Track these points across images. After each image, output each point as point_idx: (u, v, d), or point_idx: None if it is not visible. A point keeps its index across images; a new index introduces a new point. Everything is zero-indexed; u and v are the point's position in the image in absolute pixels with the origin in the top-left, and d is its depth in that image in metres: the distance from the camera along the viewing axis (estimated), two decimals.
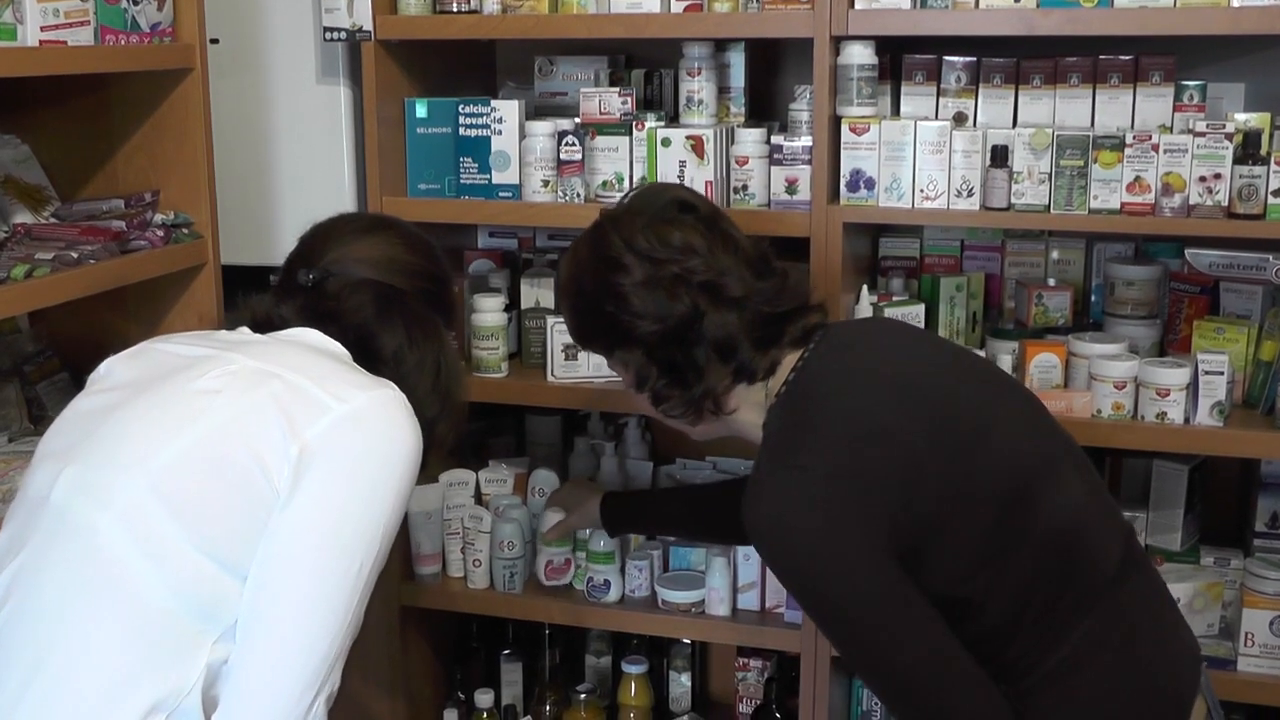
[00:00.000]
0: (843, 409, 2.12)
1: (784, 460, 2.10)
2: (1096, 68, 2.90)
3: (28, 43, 2.47)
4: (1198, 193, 2.73)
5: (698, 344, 2.20)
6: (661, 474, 3.45)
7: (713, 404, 2.26)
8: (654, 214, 2.25)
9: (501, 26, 3.08)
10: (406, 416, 1.93)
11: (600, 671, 3.54)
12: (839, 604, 2.04)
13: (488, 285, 3.31)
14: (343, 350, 2.03)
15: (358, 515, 1.85)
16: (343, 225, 2.20)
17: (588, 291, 2.27)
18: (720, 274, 2.19)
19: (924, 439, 2.06)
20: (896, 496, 2.03)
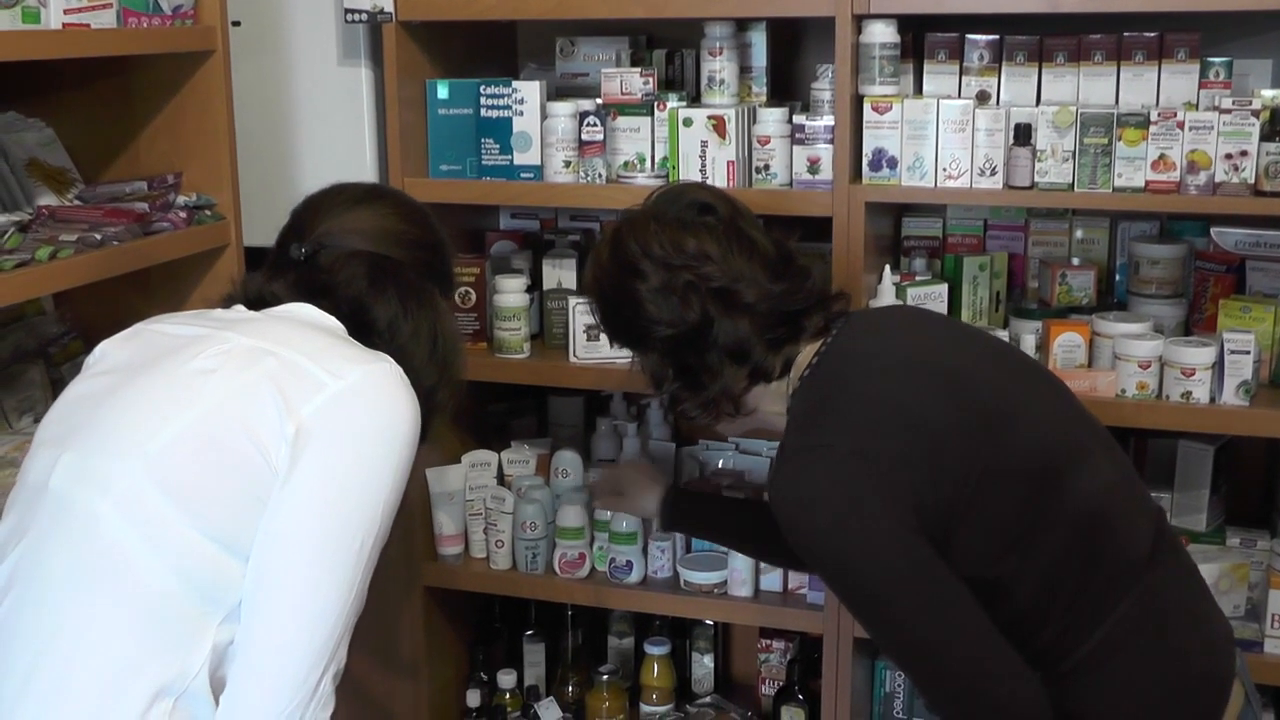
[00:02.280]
0: (867, 391, 2.13)
1: (808, 441, 2.11)
2: (1121, 45, 2.89)
3: (51, 26, 2.48)
4: (1223, 170, 2.71)
5: (710, 349, 2.24)
6: (684, 455, 3.45)
7: (730, 405, 2.30)
8: (672, 219, 2.29)
9: (523, 7, 3.08)
10: (403, 389, 1.92)
11: (623, 652, 3.55)
12: (868, 582, 2.04)
13: (509, 266, 3.31)
14: (337, 324, 2.03)
15: (358, 491, 1.85)
16: (335, 197, 2.19)
17: (607, 294, 2.33)
18: (734, 280, 2.23)
19: (949, 422, 2.07)
20: (923, 478, 2.03)
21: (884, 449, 2.04)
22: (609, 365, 3.12)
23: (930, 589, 2.03)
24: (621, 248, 2.29)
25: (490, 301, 3.21)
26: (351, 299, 2.05)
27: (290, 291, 2.07)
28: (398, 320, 2.06)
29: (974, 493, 2.04)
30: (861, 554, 2.02)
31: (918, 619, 2.03)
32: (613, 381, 3.23)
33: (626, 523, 3.18)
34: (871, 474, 2.03)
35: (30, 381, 2.81)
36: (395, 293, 2.07)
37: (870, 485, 2.02)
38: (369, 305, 2.05)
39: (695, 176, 2.99)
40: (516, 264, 3.33)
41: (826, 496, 2.04)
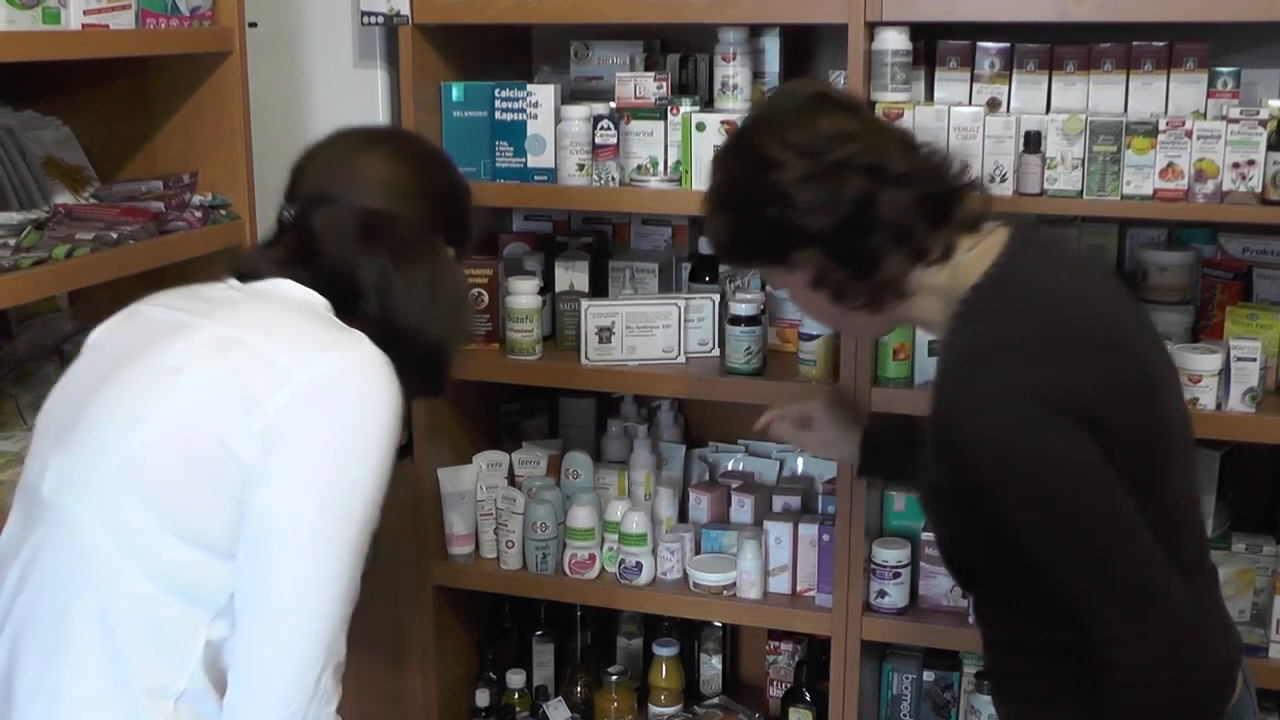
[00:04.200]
0: (1059, 327, 2.02)
1: (998, 348, 1.99)
2: (1130, 54, 2.89)
3: (70, 26, 2.50)
4: (1231, 179, 2.72)
5: (873, 229, 2.08)
6: (694, 456, 3.47)
7: (895, 289, 2.14)
8: (798, 107, 2.16)
9: (538, 11, 3.10)
10: (377, 374, 1.85)
11: (631, 653, 3.56)
12: (1044, 482, 1.93)
13: (522, 268, 3.33)
14: (319, 300, 1.97)
15: (336, 484, 1.80)
16: (331, 147, 2.11)
17: (746, 198, 2.14)
18: (880, 154, 2.09)
19: (1115, 387, 1.98)
20: (1093, 412, 1.94)
21: (1066, 385, 1.94)
22: (620, 367, 3.14)
23: (1108, 490, 1.93)
24: (753, 146, 2.14)
25: (503, 303, 3.23)
26: (336, 263, 1.98)
27: (278, 262, 2.01)
28: (388, 279, 1.97)
29: (1115, 451, 1.96)
30: (1044, 450, 1.92)
31: (1097, 517, 1.94)
32: (624, 383, 3.25)
33: (636, 523, 3.19)
34: (1054, 383, 1.92)
35: (45, 379, 2.83)
36: (387, 249, 1.98)
37: (1053, 390, 1.92)
38: (355, 265, 1.97)
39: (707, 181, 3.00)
40: (529, 266, 3.35)
41: (1013, 389, 1.92)
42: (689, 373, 3.16)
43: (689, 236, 3.45)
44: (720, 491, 3.36)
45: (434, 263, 2.04)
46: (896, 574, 3.04)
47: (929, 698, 3.27)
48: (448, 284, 2.06)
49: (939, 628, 3.07)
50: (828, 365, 3.01)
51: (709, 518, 3.34)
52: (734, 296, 3.11)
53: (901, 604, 3.07)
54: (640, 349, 3.14)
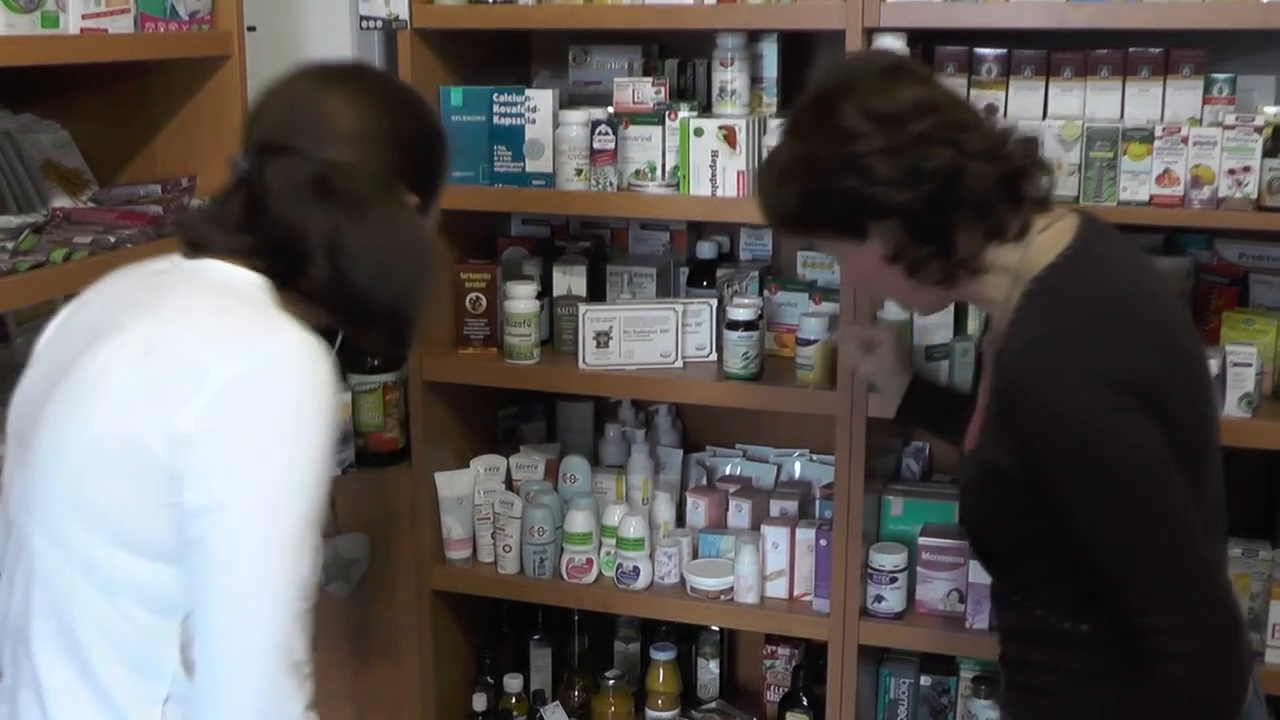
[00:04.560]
0: (1131, 315, 2.00)
1: (1073, 329, 1.98)
2: (1126, 60, 2.90)
3: (69, 30, 2.51)
4: (1227, 185, 2.73)
5: (956, 204, 2.03)
6: (692, 461, 3.47)
7: (971, 267, 2.09)
8: (878, 74, 2.09)
9: (537, 16, 3.11)
10: (301, 365, 1.74)
11: (629, 658, 3.57)
12: (1109, 464, 1.92)
13: (520, 273, 3.34)
14: (252, 281, 1.84)
15: (265, 483, 1.70)
16: (290, 87, 1.94)
17: (821, 168, 2.05)
18: (962, 127, 2.05)
19: (1178, 379, 1.99)
20: (1161, 399, 1.95)
21: (1139, 354, 1.95)
22: (618, 372, 3.14)
23: (1171, 477, 1.93)
24: (832, 114, 2.05)
25: (501, 307, 3.23)
26: (284, 223, 1.84)
27: (228, 225, 1.87)
28: (339, 237, 1.83)
29: (1172, 442, 1.96)
30: (1115, 431, 1.92)
31: (1160, 502, 1.93)
32: (621, 388, 3.26)
33: (634, 528, 3.20)
34: (1127, 368, 1.93)
35: None
36: (341, 204, 1.83)
37: (1125, 374, 1.92)
38: (304, 226, 1.83)
39: (705, 186, 3.02)
40: (527, 270, 3.35)
41: (1088, 370, 1.92)
42: (687, 377, 3.16)
43: (687, 241, 3.46)
44: (718, 496, 3.36)
45: (392, 217, 1.89)
46: (893, 579, 3.04)
47: (926, 702, 3.28)
48: (406, 239, 1.91)
49: (936, 632, 3.07)
50: (825, 371, 3.01)
51: (706, 522, 3.34)
52: (732, 301, 3.12)
53: (898, 609, 3.07)
54: (638, 354, 3.15)
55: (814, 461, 3.42)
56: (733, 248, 3.47)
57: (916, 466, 3.36)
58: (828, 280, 3.24)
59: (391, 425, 3.36)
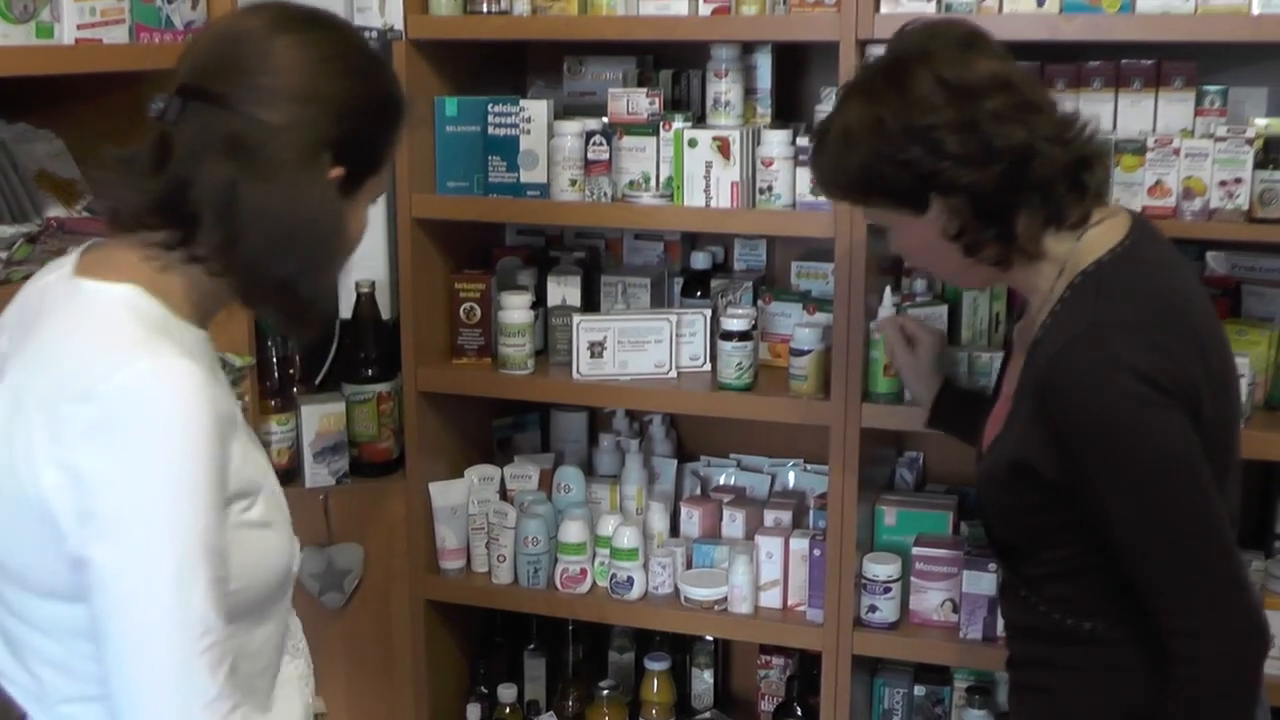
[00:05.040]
0: (1174, 316, 2.00)
1: (1117, 325, 1.96)
2: (1119, 72, 2.92)
3: (64, 40, 2.52)
4: (1219, 196, 2.74)
5: (1021, 185, 2.00)
6: (686, 471, 3.48)
7: (1030, 252, 2.07)
8: (957, 43, 2.05)
9: (532, 27, 3.12)
10: (158, 396, 1.60)
11: (623, 667, 3.57)
12: (1148, 463, 1.92)
13: (515, 283, 3.34)
14: (126, 300, 1.69)
15: (139, 522, 1.59)
16: (241, 22, 1.76)
17: (890, 135, 2.01)
18: (1035, 109, 2.02)
19: (1211, 390, 1.99)
20: (1196, 407, 1.96)
21: (1179, 356, 1.95)
22: (612, 382, 3.15)
23: (1204, 477, 1.94)
24: (907, 79, 2.01)
25: (495, 318, 3.24)
26: (178, 177, 1.69)
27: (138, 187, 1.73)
28: (232, 198, 1.66)
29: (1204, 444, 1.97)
30: (1152, 427, 1.92)
31: (1190, 496, 1.94)
32: (616, 398, 3.26)
33: (628, 538, 3.20)
34: (1166, 367, 1.92)
35: None
36: (245, 163, 1.67)
37: (1165, 373, 1.92)
38: (197, 181, 1.68)
39: (699, 197, 3.03)
40: (522, 280, 3.36)
41: (1129, 366, 1.91)
42: (681, 388, 3.16)
43: (681, 252, 3.47)
44: (712, 506, 3.36)
45: (300, 185, 1.70)
46: (887, 589, 3.04)
47: (920, 712, 3.28)
48: (309, 212, 1.71)
49: (930, 642, 3.07)
50: (819, 380, 3.01)
51: (700, 532, 3.34)
52: (725, 312, 3.12)
53: (892, 619, 3.07)
54: (632, 364, 3.15)
55: (808, 471, 3.42)
56: (727, 258, 3.47)
57: (910, 476, 3.36)
58: (821, 290, 3.25)
59: (386, 435, 3.36)
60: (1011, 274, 2.13)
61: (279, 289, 1.73)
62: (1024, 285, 2.17)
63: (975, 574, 2.98)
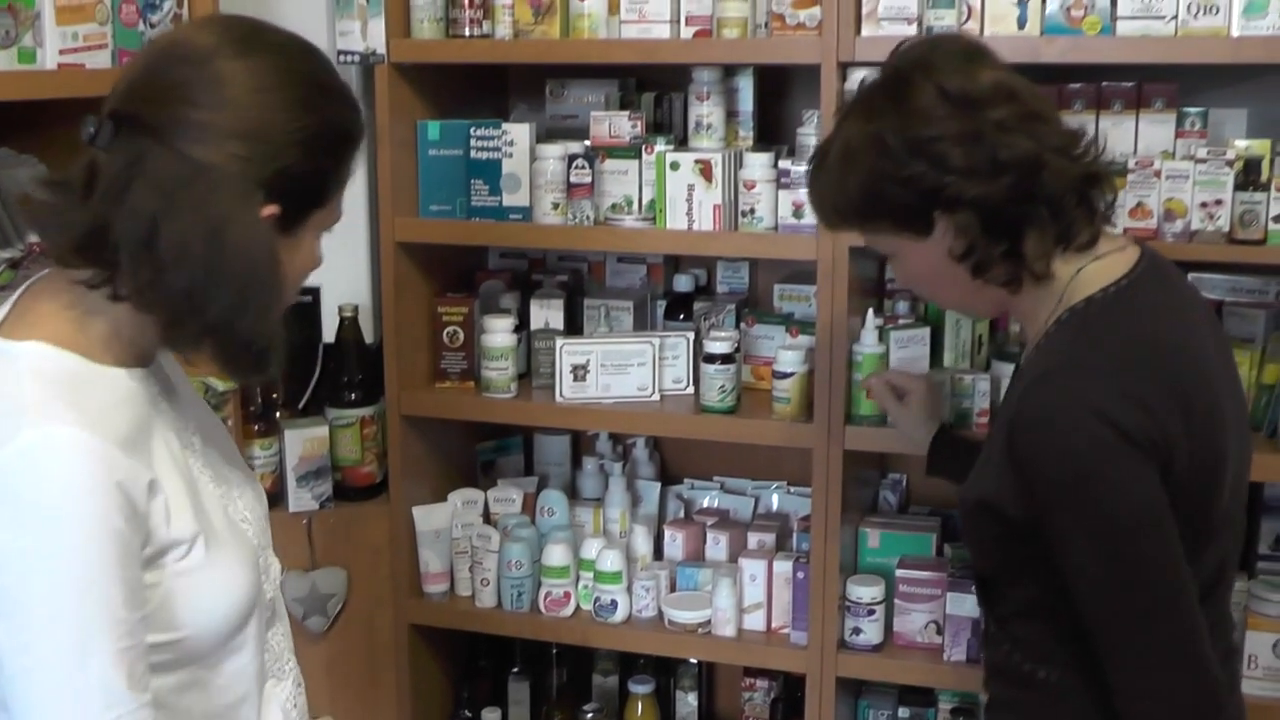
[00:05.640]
0: (1161, 370, 1.90)
1: (1094, 369, 1.90)
2: (1100, 94, 2.93)
3: (46, 66, 2.51)
4: (1199, 218, 2.75)
5: (1031, 199, 1.91)
6: (669, 493, 3.48)
7: (1040, 268, 1.97)
8: (959, 54, 1.98)
9: (514, 51, 3.13)
10: (45, 467, 1.52)
11: (607, 691, 3.56)
12: (1104, 516, 1.85)
13: (498, 306, 3.35)
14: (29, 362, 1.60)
15: (16, 615, 1.52)
16: (185, 42, 1.65)
17: (891, 151, 1.93)
18: (1041, 119, 1.95)
19: (1191, 445, 1.89)
20: (1170, 461, 1.88)
21: (1157, 412, 1.86)
22: (595, 405, 3.15)
23: (1168, 534, 1.87)
24: (908, 92, 1.94)
25: (478, 341, 3.24)
26: (99, 210, 1.58)
27: (62, 196, 1.63)
28: (153, 235, 1.56)
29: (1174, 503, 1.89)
30: (1115, 477, 1.85)
31: (1151, 556, 1.86)
32: (599, 421, 3.27)
33: (611, 561, 3.20)
34: (1140, 420, 1.84)
35: None
36: (167, 200, 1.56)
37: (1137, 426, 1.84)
38: (115, 217, 1.57)
39: (682, 220, 3.03)
40: (505, 304, 3.36)
41: (1099, 412, 1.83)
42: (664, 410, 3.17)
43: (664, 274, 3.47)
44: (695, 528, 3.36)
45: (227, 223, 1.58)
46: (871, 611, 3.04)
47: None
48: (236, 251, 1.58)
49: (914, 664, 3.07)
50: (802, 403, 3.02)
51: (684, 555, 3.34)
52: (709, 335, 3.13)
53: (876, 641, 3.07)
54: (615, 387, 3.15)
55: (791, 494, 3.42)
56: (710, 281, 3.48)
57: (894, 498, 3.36)
58: (804, 313, 3.25)
59: (369, 459, 3.35)
60: (1018, 299, 2.05)
61: (207, 331, 1.63)
62: (1025, 313, 2.09)
63: (959, 596, 2.98)
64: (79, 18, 2.58)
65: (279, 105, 1.61)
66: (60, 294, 1.66)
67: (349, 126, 1.72)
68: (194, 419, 1.83)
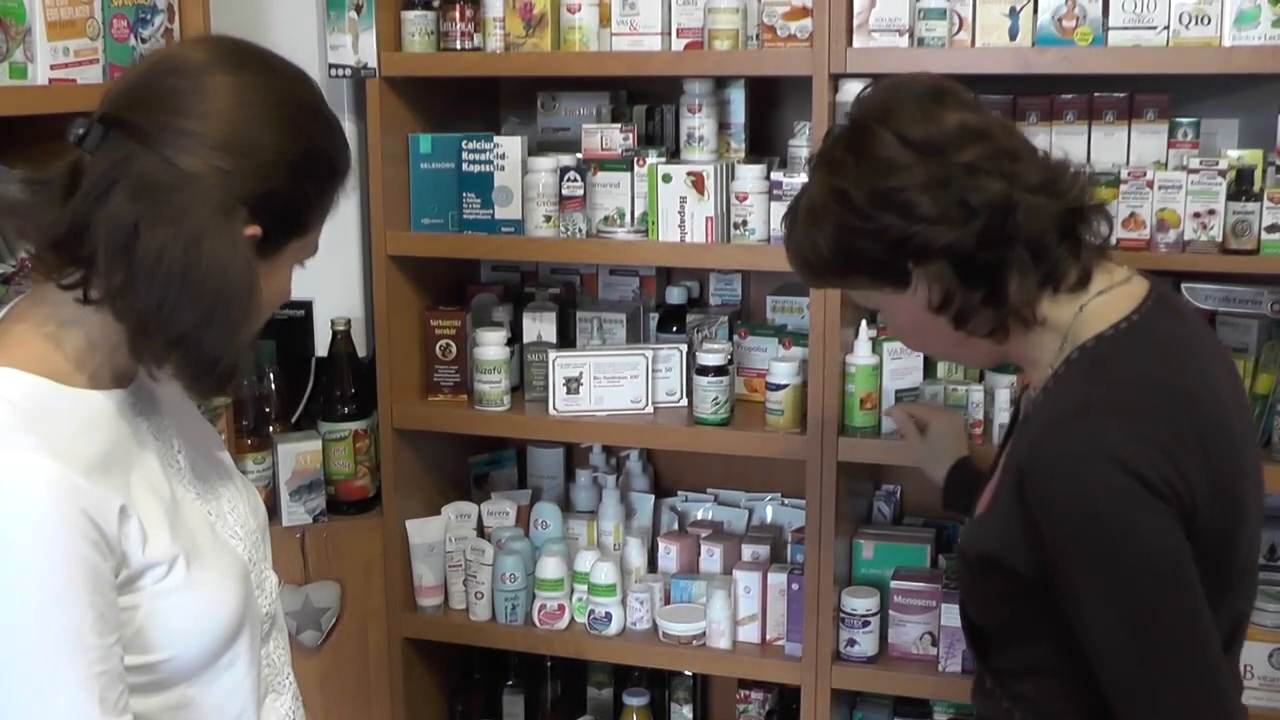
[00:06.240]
0: (1178, 411, 1.80)
1: (1110, 412, 1.79)
2: (1092, 105, 2.94)
3: (38, 81, 2.51)
4: (1192, 228, 2.76)
5: (1006, 242, 1.83)
6: (663, 506, 3.48)
7: (1025, 317, 1.90)
8: (917, 99, 1.89)
9: (505, 64, 3.13)
10: (8, 496, 1.50)
11: (602, 703, 3.56)
12: (1129, 567, 1.76)
13: (490, 319, 3.35)
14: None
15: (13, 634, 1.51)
16: (181, 55, 1.66)
17: (857, 205, 1.86)
18: (1014, 157, 1.86)
19: (1213, 492, 1.80)
20: (1192, 509, 1.78)
21: (1177, 455, 1.76)
22: (588, 417, 3.15)
23: (1191, 585, 1.77)
24: (868, 144, 1.87)
25: (471, 354, 3.24)
26: (80, 212, 1.56)
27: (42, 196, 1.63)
28: (132, 240, 1.54)
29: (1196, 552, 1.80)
30: (1136, 527, 1.75)
31: (1176, 611, 1.77)
32: (592, 434, 3.26)
33: (605, 574, 3.20)
34: (1160, 466, 1.75)
35: None
36: (150, 208, 1.54)
37: (1157, 472, 1.74)
38: (91, 223, 1.55)
39: (674, 232, 3.03)
40: (497, 317, 3.36)
41: (1117, 459, 1.74)
42: (657, 423, 3.17)
43: (656, 287, 3.47)
44: (689, 541, 3.36)
45: (207, 237, 1.56)
46: (865, 622, 3.04)
47: None
48: (212, 265, 1.56)
49: (909, 676, 3.07)
50: (795, 415, 3.02)
51: (678, 567, 3.34)
52: (701, 347, 3.13)
53: (871, 652, 3.08)
54: (608, 399, 3.15)
55: (785, 505, 3.42)
56: (702, 293, 3.48)
57: (888, 510, 3.36)
58: (797, 325, 3.25)
59: (362, 473, 3.35)
60: (1010, 346, 1.96)
61: (171, 345, 1.59)
62: (1023, 358, 2.00)
63: (954, 607, 2.97)
64: (70, 33, 2.58)
65: (268, 123, 1.61)
66: (34, 314, 1.65)
67: (335, 157, 1.71)
68: (180, 436, 1.81)
